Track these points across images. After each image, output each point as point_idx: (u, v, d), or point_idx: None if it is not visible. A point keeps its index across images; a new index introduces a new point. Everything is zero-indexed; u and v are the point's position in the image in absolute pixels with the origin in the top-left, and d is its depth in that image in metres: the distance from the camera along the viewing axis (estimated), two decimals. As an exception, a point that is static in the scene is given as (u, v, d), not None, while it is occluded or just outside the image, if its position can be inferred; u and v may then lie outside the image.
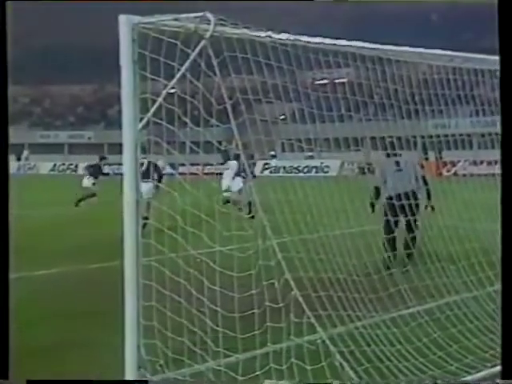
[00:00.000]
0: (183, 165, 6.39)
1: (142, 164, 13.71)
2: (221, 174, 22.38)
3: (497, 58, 8.24)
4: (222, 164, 24.01)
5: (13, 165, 49.91)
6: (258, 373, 5.78)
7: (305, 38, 6.29)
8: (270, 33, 5.91)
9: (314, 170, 48.38)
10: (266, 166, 48.38)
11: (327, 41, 6.50)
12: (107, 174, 25.87)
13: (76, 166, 63.04)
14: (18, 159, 60.78)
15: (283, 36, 6.11)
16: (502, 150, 4.99)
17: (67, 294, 10.14)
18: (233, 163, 21.98)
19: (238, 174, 21.23)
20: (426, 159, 28.16)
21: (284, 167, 49.12)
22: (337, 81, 10.31)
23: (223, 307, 5.78)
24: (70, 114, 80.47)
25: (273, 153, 26.29)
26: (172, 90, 5.65)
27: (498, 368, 6.18)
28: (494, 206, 10.24)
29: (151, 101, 5.59)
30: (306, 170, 48.34)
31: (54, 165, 64.68)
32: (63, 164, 65.25)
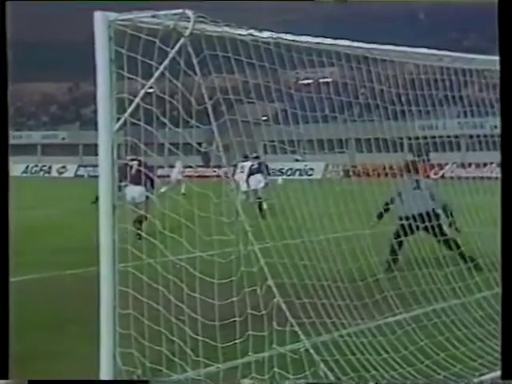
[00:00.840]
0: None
1: (131, 166, 13.75)
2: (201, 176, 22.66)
3: (485, 57, 8.34)
4: (202, 166, 24.42)
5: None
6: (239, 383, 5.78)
7: (288, 37, 6.31)
8: (251, 31, 5.92)
9: (298, 172, 48.45)
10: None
11: (311, 39, 6.52)
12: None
13: (49, 168, 62.68)
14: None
15: (265, 34, 6.13)
16: (502, 151, 5.07)
17: (39, 302, 10.06)
18: (245, 164, 22.47)
19: (252, 173, 21.83)
20: (423, 161, 28.26)
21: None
22: (321, 80, 10.35)
23: (203, 315, 5.77)
24: (44, 113, 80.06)
25: (255, 155, 26.42)
26: (150, 90, 5.64)
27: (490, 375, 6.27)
28: (482, 209, 10.34)
29: (128, 100, 5.58)
30: (289, 172, 48.41)
31: (27, 166, 64.27)
32: (36, 165, 64.86)
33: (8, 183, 4.73)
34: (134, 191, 14.29)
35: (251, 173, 22.03)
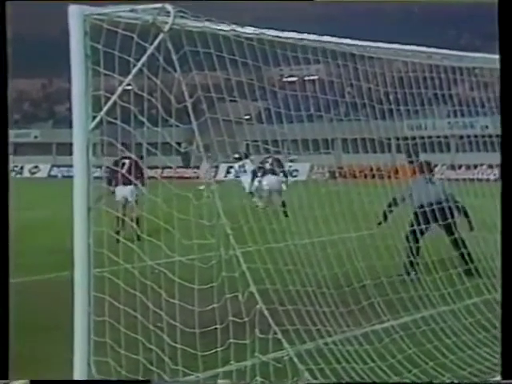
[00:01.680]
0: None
1: (123, 164, 13.69)
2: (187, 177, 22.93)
3: (475, 55, 8.41)
4: (182, 167, 24.69)
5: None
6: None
7: (271, 32, 6.32)
8: (234, 26, 5.93)
9: (282, 173, 48.43)
10: (230, 170, 48.39)
11: (296, 35, 6.53)
12: None
13: (21, 168, 62.32)
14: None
15: (248, 30, 6.13)
16: (502, 151, 5.15)
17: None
18: (247, 162, 22.63)
19: (254, 173, 21.96)
20: (411, 162, 28.46)
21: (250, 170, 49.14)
22: (306, 78, 10.37)
23: (183, 322, 5.77)
24: (15, 110, 79.48)
25: (237, 155, 26.47)
26: (128, 87, 5.63)
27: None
28: (474, 212, 10.41)
29: (105, 98, 5.56)
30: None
31: (-3, 166, 63.74)
32: (7, 166, 64.39)
33: (8, 183, 4.83)
34: (124, 190, 14.31)
35: (264, 173, 21.97)
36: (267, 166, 21.91)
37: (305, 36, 6.60)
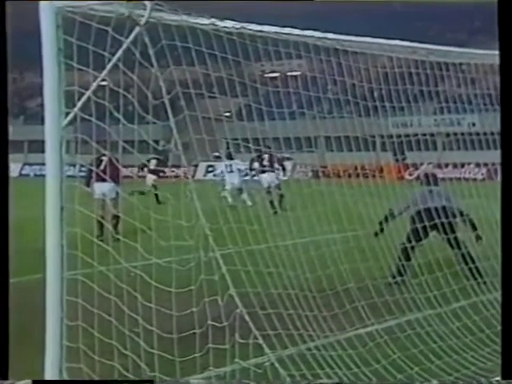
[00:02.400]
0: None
1: (100, 161, 13.74)
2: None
3: (461, 50, 8.46)
4: (160, 166, 24.91)
5: None
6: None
7: (252, 27, 6.32)
8: (213, 20, 5.93)
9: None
10: (210, 169, 48.30)
11: (277, 29, 6.54)
12: None
13: (-9, 167, 61.77)
14: None
15: (228, 24, 6.13)
16: (502, 150, 5.24)
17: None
18: (236, 162, 22.87)
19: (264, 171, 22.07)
20: (397, 160, 28.63)
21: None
22: (288, 74, 10.38)
23: (160, 327, 5.76)
24: (-15, 106, 79.00)
25: (217, 154, 26.46)
26: (103, 83, 5.62)
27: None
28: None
29: (78, 94, 5.54)
30: (253, 172, 48.40)
31: (-35, 165, 63.27)
32: (-24, 164, 63.97)
33: (8, 183, 4.90)
34: (103, 187, 14.41)
35: (263, 170, 22.17)
36: (265, 162, 22.11)
37: (286, 30, 6.61)
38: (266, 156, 22.23)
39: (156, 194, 18.81)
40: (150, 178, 25.85)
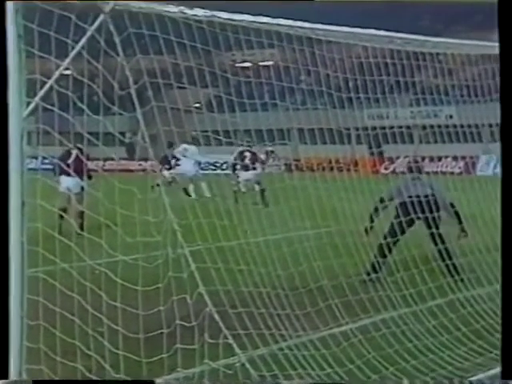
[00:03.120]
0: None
1: (69, 155, 13.65)
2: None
3: (438, 39, 8.52)
4: (126, 159, 24.84)
5: None
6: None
7: (222, 15, 6.31)
8: (182, 8, 5.90)
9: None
10: (178, 162, 48.22)
11: (248, 18, 6.53)
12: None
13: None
14: None
15: (197, 11, 6.11)
16: (502, 150, 5.32)
17: None
18: (189, 148, 22.83)
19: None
20: (372, 154, 28.76)
21: (199, 163, 49.01)
22: (260, 63, 10.38)
23: (125, 326, 5.74)
24: None
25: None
26: (66, 71, 5.57)
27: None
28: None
29: (40, 82, 5.50)
30: (224, 166, 48.33)
31: None
32: None
33: (8, 183, 4.97)
34: (68, 181, 14.35)
35: (245, 168, 22.04)
36: (246, 161, 22.07)
37: (258, 18, 6.60)
38: (247, 154, 22.20)
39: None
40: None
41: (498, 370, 6.66)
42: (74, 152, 13.32)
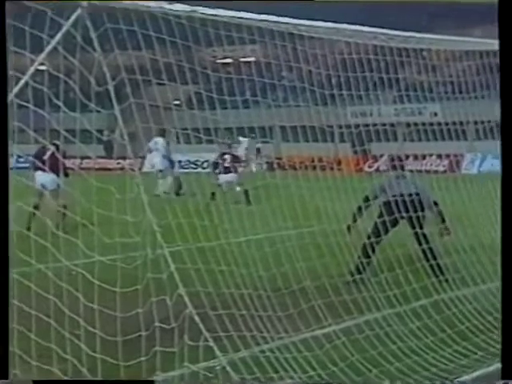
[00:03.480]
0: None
1: (45, 150, 13.54)
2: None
3: (422, 35, 8.55)
4: (104, 157, 24.76)
5: None
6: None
7: (202, 10, 6.30)
8: (160, 2, 5.89)
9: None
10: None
11: (229, 13, 6.52)
12: None
13: None
14: None
15: (177, 6, 6.10)
16: (502, 149, 5.37)
17: None
18: (159, 141, 22.69)
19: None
20: (355, 152, 28.81)
21: (179, 161, 48.92)
22: (241, 60, 10.38)
23: (103, 329, 5.71)
24: None
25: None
26: (41, 67, 5.54)
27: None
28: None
29: (15, 78, 5.47)
30: (205, 164, 48.29)
31: None
32: None
33: (8, 183, 4.96)
34: (43, 177, 14.22)
35: (225, 171, 21.88)
36: (226, 163, 21.92)
37: (238, 14, 6.60)
38: (227, 157, 22.16)
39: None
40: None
41: (482, 371, 6.73)
42: (51, 148, 13.27)
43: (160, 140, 22.85)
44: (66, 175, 11.60)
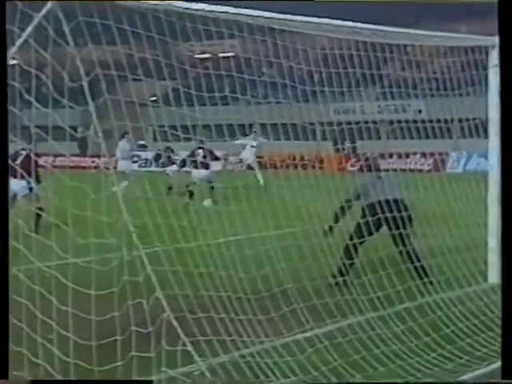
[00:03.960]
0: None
1: (16, 155, 13.45)
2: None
3: (406, 30, 8.58)
4: (78, 155, 24.71)
5: None
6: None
7: (179, 3, 6.29)
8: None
9: (194, 164, 48.33)
10: (135, 159, 47.97)
11: (207, 7, 6.52)
12: None
13: None
14: None
15: (153, 1, 6.10)
16: (502, 148, 5.41)
17: None
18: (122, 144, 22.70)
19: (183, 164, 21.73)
20: (337, 150, 28.82)
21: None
22: (220, 55, 10.38)
23: (77, 333, 5.69)
24: None
25: (142, 142, 26.36)
26: (12, 61, 5.51)
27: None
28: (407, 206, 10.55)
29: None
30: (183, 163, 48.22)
31: None
32: None
33: (8, 183, 5.08)
34: (13, 185, 13.94)
35: (196, 166, 21.76)
36: (199, 158, 21.72)
37: (217, 8, 6.59)
38: (200, 152, 22.06)
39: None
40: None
41: (468, 375, 6.76)
42: (23, 153, 13.19)
43: (122, 141, 22.89)
44: (39, 182, 11.55)
